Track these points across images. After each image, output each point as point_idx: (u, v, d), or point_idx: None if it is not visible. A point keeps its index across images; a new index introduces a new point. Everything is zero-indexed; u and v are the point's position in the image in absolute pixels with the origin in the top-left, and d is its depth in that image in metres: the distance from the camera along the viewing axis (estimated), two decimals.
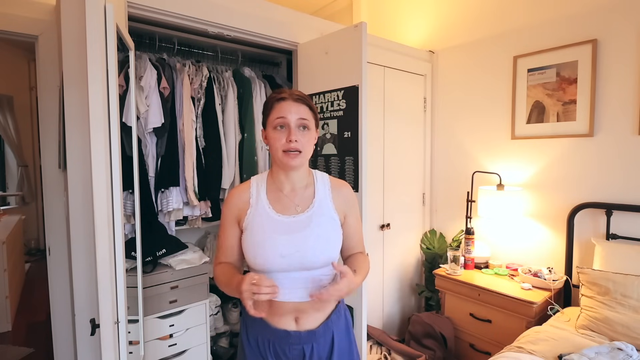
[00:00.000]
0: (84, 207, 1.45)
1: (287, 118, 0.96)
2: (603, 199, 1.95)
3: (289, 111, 0.96)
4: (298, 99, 0.99)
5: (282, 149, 0.96)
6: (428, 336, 2.18)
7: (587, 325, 1.64)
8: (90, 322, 1.09)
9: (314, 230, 0.98)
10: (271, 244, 0.95)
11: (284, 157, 0.97)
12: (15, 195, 4.79)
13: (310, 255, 0.96)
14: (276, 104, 0.98)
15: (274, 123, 0.97)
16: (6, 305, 2.95)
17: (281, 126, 0.96)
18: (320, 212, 1.02)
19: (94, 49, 0.97)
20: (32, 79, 4.70)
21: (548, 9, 2.12)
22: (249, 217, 1.00)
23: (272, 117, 0.98)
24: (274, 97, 0.99)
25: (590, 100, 1.97)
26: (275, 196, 1.02)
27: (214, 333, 2.19)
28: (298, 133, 0.97)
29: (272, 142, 0.97)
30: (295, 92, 1.00)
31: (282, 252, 0.94)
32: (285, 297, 0.96)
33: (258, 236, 0.97)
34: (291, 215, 1.00)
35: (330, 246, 1.00)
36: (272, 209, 1.00)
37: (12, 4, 1.99)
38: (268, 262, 0.95)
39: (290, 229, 0.98)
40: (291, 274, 0.96)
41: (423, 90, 2.71)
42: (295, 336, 0.98)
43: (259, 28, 1.92)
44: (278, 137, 0.96)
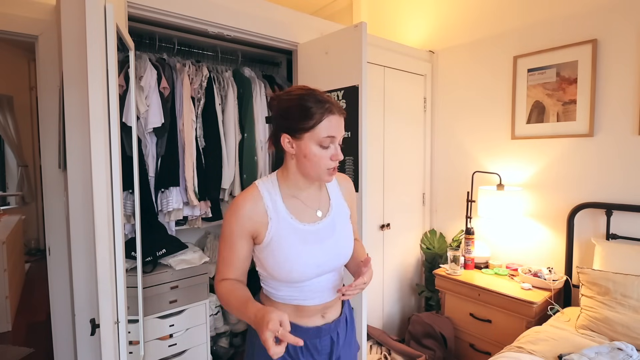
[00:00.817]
0: (84, 207, 1.45)
1: (337, 137, 0.90)
2: (603, 199, 1.95)
3: (338, 129, 0.90)
4: (342, 112, 0.92)
5: (326, 167, 0.91)
6: (428, 336, 2.18)
7: (587, 325, 1.64)
8: (90, 322, 1.09)
9: (340, 232, 0.99)
10: (307, 258, 0.92)
11: (326, 175, 0.92)
12: (15, 195, 4.79)
13: (342, 257, 0.99)
14: (324, 118, 0.87)
15: (320, 140, 0.88)
16: (6, 305, 2.95)
17: (328, 145, 0.90)
18: (339, 212, 1.02)
19: (94, 49, 0.97)
20: (32, 79, 4.70)
21: (548, 9, 2.12)
22: (271, 232, 0.92)
23: (318, 133, 0.88)
24: (319, 110, 0.88)
25: (590, 100, 1.97)
26: (293, 204, 0.97)
27: (214, 333, 2.19)
28: (339, 150, 0.92)
29: (315, 159, 0.89)
30: (336, 102, 0.92)
31: (319, 262, 0.94)
32: (315, 302, 0.98)
33: (291, 252, 0.92)
34: (315, 222, 0.97)
35: (352, 242, 1.03)
36: (294, 219, 0.95)
37: (12, 4, 1.99)
38: (304, 275, 0.93)
39: (320, 238, 0.96)
40: (322, 278, 0.97)
41: (423, 90, 2.71)
42: (325, 329, 1.00)
43: (259, 28, 1.92)
44: (323, 155, 0.89)
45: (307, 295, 0.97)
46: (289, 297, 0.97)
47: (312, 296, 0.97)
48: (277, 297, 0.98)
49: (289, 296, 0.97)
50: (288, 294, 0.97)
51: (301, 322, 0.98)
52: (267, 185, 0.97)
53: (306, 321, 0.99)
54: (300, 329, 0.98)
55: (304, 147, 0.89)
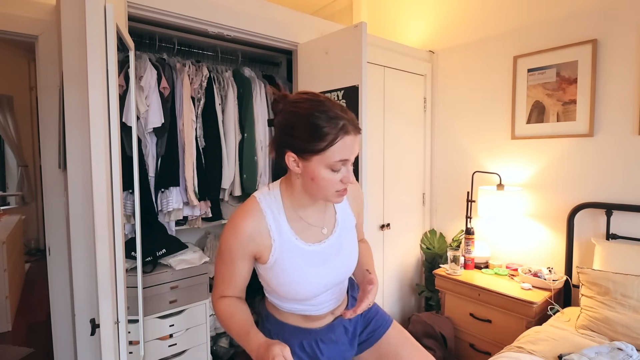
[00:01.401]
0: (84, 207, 1.45)
1: (351, 159, 0.81)
2: (603, 199, 1.95)
3: (352, 150, 0.80)
4: (359, 129, 0.81)
5: (336, 189, 0.83)
6: (428, 336, 2.18)
7: (587, 325, 1.64)
8: (90, 322, 1.09)
9: (347, 248, 0.96)
10: (313, 280, 0.89)
11: (335, 197, 0.84)
12: (15, 195, 4.79)
13: (349, 271, 0.97)
14: (338, 141, 0.77)
15: (331, 164, 0.79)
16: (6, 305, 2.95)
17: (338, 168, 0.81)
18: (344, 227, 0.97)
19: (94, 49, 0.97)
20: (32, 79, 4.70)
21: (548, 9, 2.12)
22: (275, 254, 0.87)
23: (329, 156, 0.78)
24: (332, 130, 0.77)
25: (590, 100, 1.97)
26: (298, 224, 0.90)
27: (214, 333, 2.19)
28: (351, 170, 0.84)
29: (324, 183, 0.81)
30: (351, 117, 0.80)
31: (326, 282, 0.91)
32: (324, 310, 0.98)
33: (295, 275, 0.87)
34: (320, 241, 0.92)
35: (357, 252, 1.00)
36: (299, 239, 0.89)
37: (12, 4, 1.99)
38: (312, 294, 0.91)
39: (326, 258, 0.91)
40: (328, 291, 0.95)
41: (423, 90, 2.71)
42: (337, 323, 1.01)
43: (259, 28, 1.92)
44: (333, 178, 0.81)
45: (314, 308, 0.96)
46: (295, 309, 0.96)
47: (320, 307, 0.97)
48: (284, 308, 0.97)
49: (296, 309, 0.96)
50: (295, 307, 0.96)
51: (312, 326, 0.98)
52: (269, 201, 0.89)
53: (318, 323, 0.99)
54: (313, 332, 0.98)
55: (312, 169, 0.80)
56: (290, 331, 0.98)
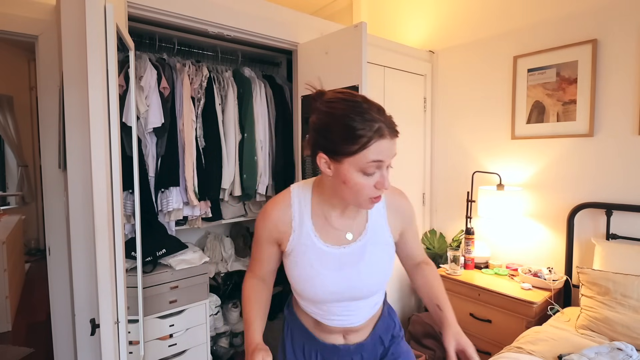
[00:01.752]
0: (84, 207, 1.45)
1: (386, 162, 0.76)
2: (603, 199, 1.95)
3: (388, 152, 0.75)
4: (396, 132, 0.76)
5: (369, 196, 0.78)
6: (428, 336, 2.18)
7: (587, 325, 1.64)
8: (90, 322, 1.09)
9: (368, 261, 0.87)
10: (320, 282, 0.85)
11: (368, 203, 0.80)
12: (15, 195, 4.79)
13: (363, 289, 0.88)
14: (373, 143, 0.73)
15: (365, 166, 0.74)
16: (6, 305, 2.95)
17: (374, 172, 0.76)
18: (374, 240, 0.89)
19: (94, 49, 0.97)
20: (32, 79, 4.70)
21: (548, 9, 2.12)
22: (292, 244, 0.87)
23: (362, 158, 0.74)
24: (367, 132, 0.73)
25: (590, 100, 1.97)
26: (321, 221, 0.87)
27: (214, 333, 2.19)
28: (387, 175, 0.78)
29: (356, 187, 0.77)
30: (389, 119, 0.76)
31: (333, 289, 0.86)
32: (334, 323, 0.91)
33: (305, 271, 0.86)
34: (341, 245, 0.87)
35: (385, 275, 0.91)
36: (318, 237, 0.87)
37: (12, 4, 1.99)
38: (317, 297, 0.87)
39: (341, 263, 0.86)
40: (341, 303, 0.89)
41: (423, 90, 2.71)
42: (344, 350, 0.94)
43: (259, 28, 1.92)
44: (367, 182, 0.76)
45: (326, 316, 0.91)
46: (310, 310, 0.94)
47: (331, 317, 0.91)
48: (301, 305, 0.96)
49: (310, 310, 0.94)
50: (309, 307, 0.94)
51: (320, 337, 0.95)
52: (300, 193, 0.90)
53: (325, 337, 0.94)
54: (318, 343, 0.95)
55: (344, 172, 0.77)
56: (300, 330, 0.98)
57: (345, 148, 0.74)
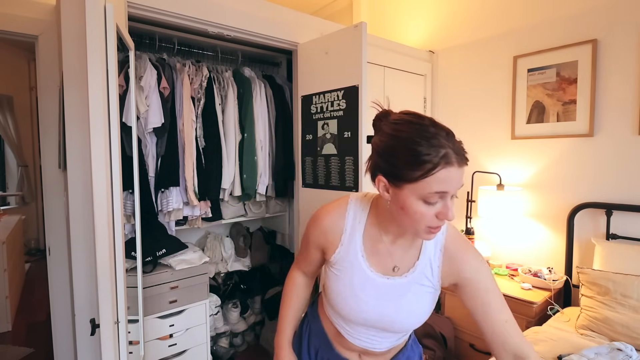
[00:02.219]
0: (84, 207, 1.45)
1: (450, 192, 0.69)
2: (603, 199, 1.95)
3: (453, 183, 0.68)
4: (465, 161, 0.69)
5: (427, 225, 0.71)
6: (428, 336, 2.18)
7: (587, 326, 1.64)
8: (90, 322, 1.09)
9: (409, 300, 0.82)
10: (355, 304, 0.83)
11: (426, 233, 0.73)
12: (15, 195, 4.79)
13: (397, 325, 0.83)
14: (438, 171, 0.66)
15: (427, 196, 0.68)
16: (6, 305, 2.95)
17: (436, 202, 0.70)
18: (420, 280, 0.82)
19: (94, 49, 0.97)
20: (32, 79, 4.70)
21: (548, 9, 2.12)
22: (336, 256, 0.85)
23: (425, 186, 0.68)
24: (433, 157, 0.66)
25: (590, 100, 1.97)
26: (372, 245, 0.83)
27: (214, 333, 2.19)
28: (451, 206, 0.71)
29: (416, 216, 0.71)
30: (459, 145, 0.69)
31: (367, 317, 0.83)
32: (356, 343, 0.89)
33: (344, 288, 0.84)
34: (386, 275, 0.82)
35: (423, 318, 0.85)
36: (365, 259, 0.83)
37: (12, 4, 1.99)
38: (348, 317, 0.86)
39: (381, 294, 0.82)
40: (371, 330, 0.86)
41: (423, 90, 2.71)
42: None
43: (259, 28, 1.92)
44: (427, 212, 0.70)
45: (349, 332, 0.89)
46: (335, 320, 0.92)
47: (354, 335, 0.89)
48: (327, 312, 0.95)
49: (335, 319, 0.92)
50: (336, 318, 0.92)
51: (337, 347, 0.94)
52: (357, 207, 0.86)
53: (341, 350, 0.93)
54: (332, 353, 0.94)
55: (403, 199, 0.71)
56: (319, 333, 0.98)
57: (407, 174, 0.69)
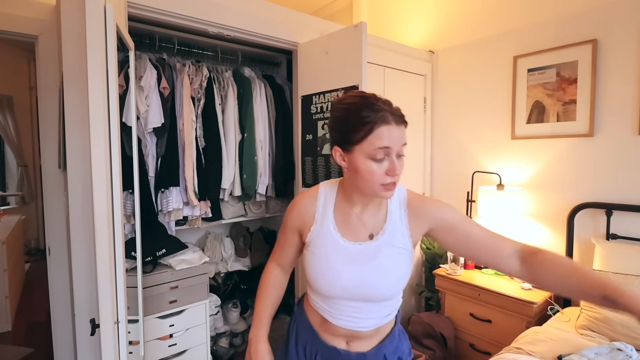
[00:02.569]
0: (84, 207, 1.45)
1: (392, 148, 0.79)
2: (603, 199, 1.95)
3: (394, 138, 0.78)
4: (401, 120, 0.80)
5: (381, 182, 0.80)
6: (428, 336, 2.18)
7: (587, 326, 1.64)
8: (90, 322, 1.09)
9: (381, 262, 0.87)
10: (333, 274, 0.87)
11: (382, 191, 0.82)
12: (15, 195, 4.79)
13: (374, 290, 0.87)
14: (377, 127, 0.77)
15: (372, 153, 0.78)
16: (6, 305, 2.95)
17: (382, 158, 0.79)
18: (390, 242, 0.88)
19: (94, 49, 0.97)
20: (32, 79, 4.70)
21: (548, 9, 2.12)
22: (312, 234, 0.92)
23: (369, 144, 0.78)
24: (371, 118, 0.77)
25: (590, 100, 1.97)
26: (342, 217, 0.91)
27: (213, 333, 2.19)
28: (398, 163, 0.81)
29: (368, 175, 0.80)
30: (395, 109, 0.80)
31: (345, 284, 0.87)
32: (341, 323, 0.91)
33: (320, 262, 0.89)
34: (358, 242, 0.89)
35: (398, 281, 0.90)
36: (337, 231, 0.90)
37: (12, 4, 1.99)
38: (329, 290, 0.89)
39: (355, 260, 0.88)
40: (351, 303, 0.89)
41: (423, 90, 2.71)
42: (345, 355, 0.93)
43: (259, 28, 1.92)
44: (376, 168, 0.79)
45: (334, 314, 0.92)
46: (319, 306, 0.95)
47: (338, 316, 0.91)
48: (311, 300, 0.98)
49: (320, 306, 0.95)
50: (318, 303, 0.95)
51: (323, 336, 0.96)
52: (327, 189, 0.96)
53: (329, 337, 0.95)
54: (320, 343, 0.96)
55: (355, 161, 0.81)
56: (305, 327, 1.00)
57: (354, 136, 0.80)
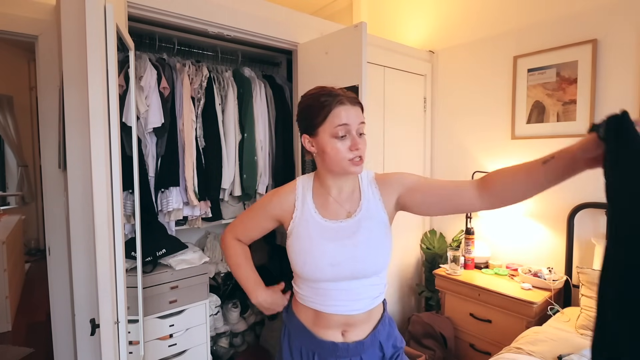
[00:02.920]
0: (84, 207, 1.45)
1: (350, 125, 0.88)
2: (603, 199, 1.93)
3: (352, 117, 0.88)
4: (355, 101, 0.91)
5: (347, 158, 0.89)
6: (428, 336, 2.18)
7: (587, 326, 1.64)
8: (90, 322, 1.09)
9: (364, 235, 0.92)
10: (320, 252, 0.91)
11: (349, 166, 0.89)
12: (15, 195, 4.79)
13: (360, 263, 0.91)
14: (334, 108, 0.88)
15: (334, 131, 0.88)
16: (6, 305, 2.95)
17: (343, 135, 0.88)
18: (368, 216, 0.95)
19: (94, 49, 0.97)
20: (32, 79, 4.70)
21: (548, 9, 2.12)
22: (295, 222, 0.96)
23: (329, 124, 0.88)
24: (328, 100, 0.89)
25: (590, 100, 1.97)
26: (321, 200, 0.98)
27: (214, 333, 2.19)
28: (359, 139, 0.90)
29: (333, 152, 0.89)
30: (348, 92, 0.91)
31: (332, 260, 0.90)
32: (334, 310, 0.93)
33: (306, 243, 0.93)
34: (338, 220, 0.95)
35: (382, 253, 0.94)
36: (318, 213, 0.96)
37: (12, 4, 1.99)
38: (317, 271, 0.91)
39: (338, 236, 0.93)
40: (340, 284, 0.92)
41: (423, 90, 2.71)
42: (343, 348, 0.94)
43: (259, 28, 1.92)
44: (340, 146, 0.88)
45: (325, 301, 0.93)
46: (309, 299, 0.96)
47: (331, 303, 0.93)
48: (300, 297, 0.99)
49: (310, 298, 0.96)
50: (309, 294, 0.96)
51: (318, 332, 0.95)
52: (304, 180, 1.03)
53: (324, 332, 0.95)
54: (316, 341, 0.95)
55: (322, 142, 0.90)
56: (298, 329, 0.99)
57: (316, 120, 0.90)
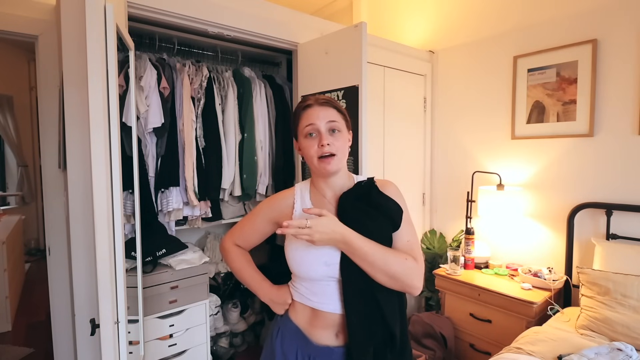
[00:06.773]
0: (84, 207, 1.45)
1: (316, 124, 0.94)
2: (603, 199, 1.95)
3: (317, 116, 0.95)
4: (324, 103, 0.97)
5: (316, 155, 0.94)
6: (428, 336, 2.18)
7: (587, 326, 1.64)
8: (90, 322, 1.09)
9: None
10: (316, 251, 0.93)
11: (320, 163, 0.94)
12: (15, 195, 4.79)
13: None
14: (303, 112, 0.97)
15: (304, 131, 0.96)
16: (6, 305, 2.95)
17: (311, 133, 0.95)
18: None
19: (94, 49, 0.97)
20: (32, 79, 4.70)
21: (548, 9, 2.12)
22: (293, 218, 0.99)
23: (301, 126, 0.97)
24: (300, 107, 0.99)
25: (590, 100, 1.97)
26: (318, 203, 1.01)
27: (213, 333, 2.19)
28: (329, 137, 0.94)
29: (306, 150, 0.96)
30: (320, 97, 0.99)
31: (327, 260, 0.93)
32: (329, 308, 0.94)
33: (302, 242, 0.94)
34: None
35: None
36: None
37: (12, 4, 1.99)
38: (312, 270, 0.94)
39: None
40: (336, 283, 0.94)
41: (423, 90, 2.71)
42: (337, 352, 0.94)
43: (259, 28, 1.92)
44: (310, 144, 0.95)
45: (321, 298, 0.95)
46: (306, 297, 0.98)
47: (326, 300, 0.94)
48: (297, 295, 1.01)
49: (307, 296, 0.97)
50: (305, 292, 0.98)
51: (314, 336, 0.96)
52: (302, 185, 1.08)
53: (319, 334, 0.96)
54: (310, 345, 0.96)
55: (300, 145, 0.99)
56: (292, 333, 0.99)
57: (294, 125, 1.00)
